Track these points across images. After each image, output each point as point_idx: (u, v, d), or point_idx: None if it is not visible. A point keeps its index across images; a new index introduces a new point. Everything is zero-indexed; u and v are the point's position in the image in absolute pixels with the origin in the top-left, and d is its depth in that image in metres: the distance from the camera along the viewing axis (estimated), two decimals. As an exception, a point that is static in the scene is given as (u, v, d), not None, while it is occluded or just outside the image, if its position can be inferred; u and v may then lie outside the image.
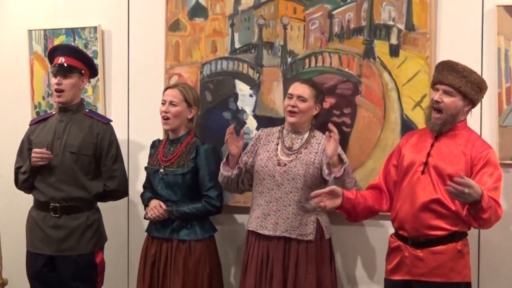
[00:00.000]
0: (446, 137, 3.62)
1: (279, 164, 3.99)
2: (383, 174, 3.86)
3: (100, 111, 4.87)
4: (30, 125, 4.51)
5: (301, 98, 3.98)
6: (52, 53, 4.41)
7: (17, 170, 4.40)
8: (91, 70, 4.50)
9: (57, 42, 5.00)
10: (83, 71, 4.38)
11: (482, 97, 3.69)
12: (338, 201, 3.64)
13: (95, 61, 4.88)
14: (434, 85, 3.63)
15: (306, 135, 4.05)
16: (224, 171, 4.07)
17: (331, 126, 3.79)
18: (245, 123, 4.52)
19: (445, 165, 3.53)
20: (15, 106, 5.19)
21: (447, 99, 3.56)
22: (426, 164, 3.59)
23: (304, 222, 3.93)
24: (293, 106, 3.98)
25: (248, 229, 4.10)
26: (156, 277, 4.22)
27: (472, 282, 3.66)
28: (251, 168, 4.11)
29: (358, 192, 3.76)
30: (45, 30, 5.07)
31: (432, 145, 3.62)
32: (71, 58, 4.33)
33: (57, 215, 4.24)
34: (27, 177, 4.29)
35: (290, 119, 4.01)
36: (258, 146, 4.14)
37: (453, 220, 3.53)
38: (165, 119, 4.22)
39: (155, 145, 4.40)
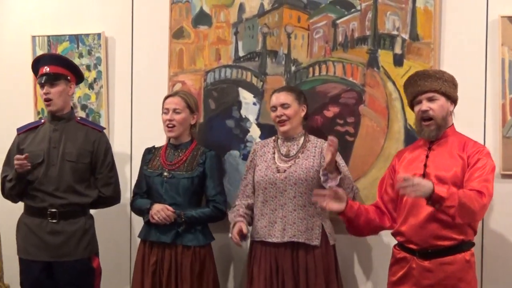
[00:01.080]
0: (438, 145, 3.63)
1: (278, 171, 4.00)
2: (379, 195, 3.85)
3: (103, 118, 4.88)
4: (19, 133, 4.48)
5: (285, 105, 4.00)
6: (36, 65, 4.41)
7: (3, 179, 4.38)
8: (77, 75, 4.49)
9: (60, 48, 5.01)
10: (69, 77, 4.37)
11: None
12: (341, 206, 3.63)
13: (99, 68, 4.90)
14: (414, 99, 3.65)
15: (301, 140, 4.07)
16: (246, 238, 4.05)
17: (331, 137, 3.76)
18: (248, 131, 4.52)
19: (445, 173, 3.53)
20: (19, 111, 5.18)
21: (433, 105, 3.58)
22: (424, 175, 3.56)
23: (310, 226, 3.94)
24: (281, 116, 4.01)
25: (254, 239, 4.08)
26: (158, 285, 4.20)
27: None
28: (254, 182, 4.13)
29: (360, 204, 3.76)
30: (48, 36, 5.07)
31: (427, 156, 3.63)
32: (55, 66, 4.33)
33: (55, 221, 4.23)
34: (14, 184, 4.26)
35: (283, 128, 4.04)
36: (255, 159, 4.15)
37: (459, 229, 3.51)
38: (171, 127, 4.24)
39: (151, 151, 4.41)
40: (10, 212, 4.55)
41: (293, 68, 4.40)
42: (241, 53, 4.55)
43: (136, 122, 4.85)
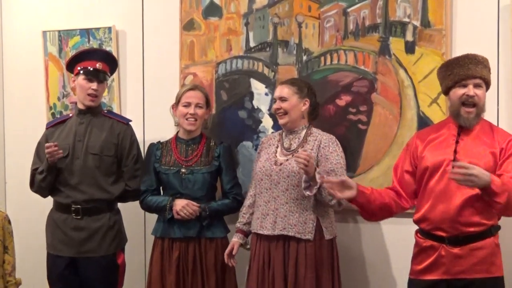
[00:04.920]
0: (469, 131, 3.59)
1: (275, 164, 4.00)
2: (396, 180, 3.77)
3: (116, 111, 4.88)
4: (47, 128, 4.49)
5: (282, 99, 4.00)
6: (88, 55, 4.39)
7: (33, 171, 4.39)
8: (111, 75, 4.56)
9: (71, 43, 5.03)
10: (109, 77, 4.46)
11: None
12: (351, 192, 3.60)
13: (109, 62, 4.91)
14: (461, 80, 3.56)
15: (303, 133, 4.04)
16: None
17: (297, 155, 3.78)
18: (260, 122, 4.53)
19: (478, 161, 3.46)
20: (31, 107, 5.21)
21: (479, 92, 3.54)
22: (454, 161, 3.50)
23: (302, 220, 3.91)
24: (278, 109, 4.02)
25: (252, 231, 4.11)
26: (182, 281, 4.20)
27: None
28: None
29: (373, 189, 3.72)
30: (59, 31, 5.09)
31: (456, 142, 3.59)
32: (105, 64, 4.38)
33: (79, 217, 4.25)
34: (45, 175, 4.26)
35: (281, 121, 4.04)
36: (261, 152, 4.16)
37: (490, 214, 3.49)
38: (193, 121, 4.24)
39: (159, 148, 4.35)
40: (25, 207, 4.58)
41: (304, 58, 4.39)
42: (252, 44, 4.55)
43: (148, 115, 4.86)
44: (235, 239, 4.15)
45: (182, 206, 4.14)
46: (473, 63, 3.54)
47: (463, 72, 3.55)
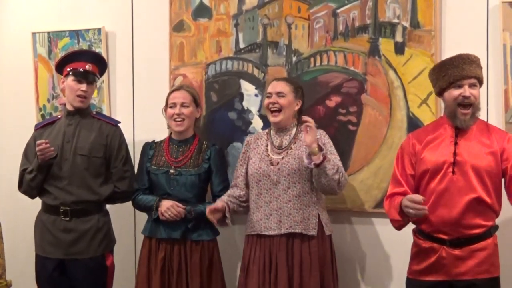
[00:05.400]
0: (465, 131, 3.57)
1: (272, 164, 3.99)
2: (408, 185, 3.67)
3: (105, 113, 4.88)
4: (36, 129, 4.47)
5: (280, 94, 4.00)
6: (77, 56, 4.37)
7: (22, 172, 4.36)
8: (100, 76, 4.54)
9: (61, 44, 5.02)
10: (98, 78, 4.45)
11: None
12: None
13: (99, 63, 4.90)
14: (455, 81, 3.53)
15: (294, 131, 4.05)
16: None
17: (305, 117, 3.78)
18: (250, 123, 4.52)
19: (480, 163, 3.48)
20: (20, 108, 5.20)
21: (474, 91, 3.52)
22: (454, 163, 3.51)
23: (306, 216, 3.92)
24: (274, 103, 4.00)
25: (250, 234, 4.07)
26: (167, 281, 4.19)
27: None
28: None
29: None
30: (49, 32, 5.08)
31: (455, 143, 3.56)
32: (95, 66, 4.36)
33: (67, 219, 4.24)
34: (35, 174, 4.24)
35: (274, 119, 4.02)
36: (249, 152, 4.15)
37: (489, 215, 3.50)
38: (180, 121, 4.23)
39: (152, 147, 4.38)
40: (15, 208, 4.56)
41: (294, 59, 4.39)
42: (241, 45, 4.54)
43: (138, 116, 4.86)
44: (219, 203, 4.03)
45: (167, 207, 4.14)
46: (466, 63, 3.53)
47: (458, 72, 3.53)
